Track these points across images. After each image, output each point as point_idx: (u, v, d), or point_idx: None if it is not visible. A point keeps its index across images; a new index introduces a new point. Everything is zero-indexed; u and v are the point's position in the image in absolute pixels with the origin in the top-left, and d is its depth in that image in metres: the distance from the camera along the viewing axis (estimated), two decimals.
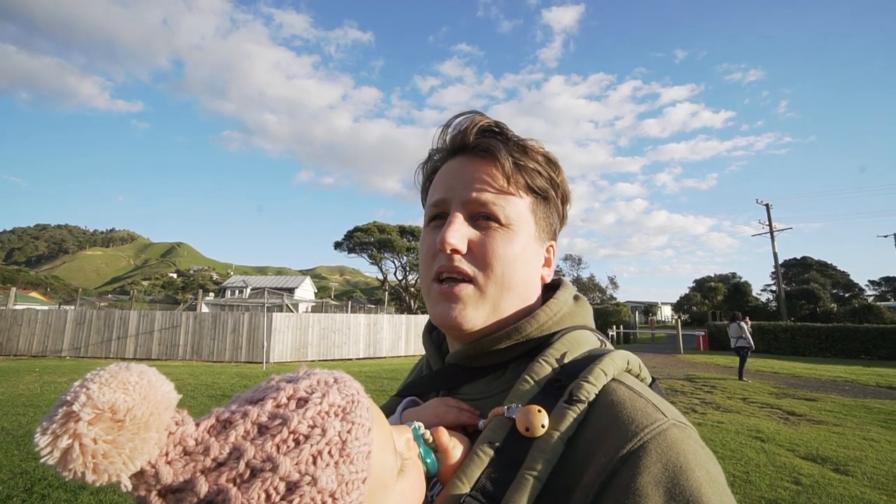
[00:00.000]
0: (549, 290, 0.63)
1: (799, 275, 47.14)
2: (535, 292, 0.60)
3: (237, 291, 54.55)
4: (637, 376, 0.53)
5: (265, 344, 13.53)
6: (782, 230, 29.54)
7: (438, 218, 0.58)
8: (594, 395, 0.46)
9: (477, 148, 0.57)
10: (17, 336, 15.11)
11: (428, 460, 0.45)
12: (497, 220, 0.55)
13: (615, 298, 44.48)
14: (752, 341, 11.10)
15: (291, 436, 0.29)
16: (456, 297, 0.54)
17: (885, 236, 33.78)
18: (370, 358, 16.75)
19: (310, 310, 31.26)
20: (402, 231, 34.50)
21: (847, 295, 44.88)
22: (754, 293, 46.28)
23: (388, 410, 0.62)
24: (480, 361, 0.57)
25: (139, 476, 0.26)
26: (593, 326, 0.61)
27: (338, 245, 35.29)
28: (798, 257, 51.21)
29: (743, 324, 11.05)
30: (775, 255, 29.18)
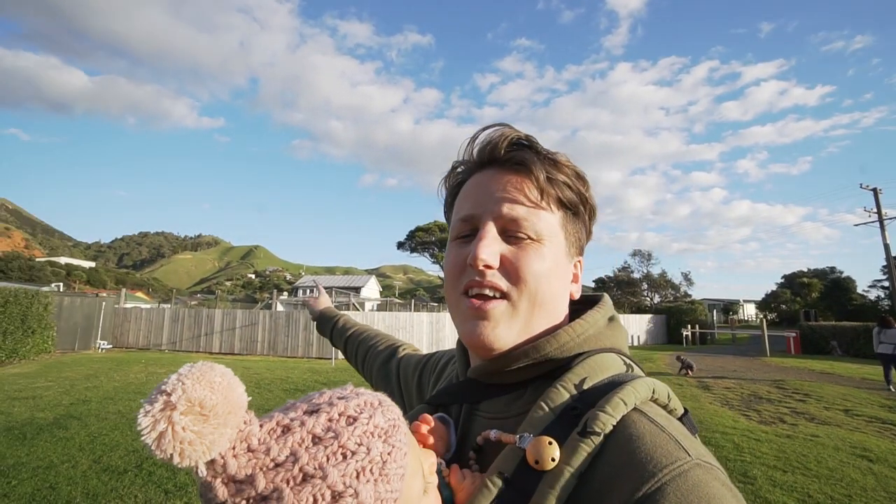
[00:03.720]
0: (589, 304, 0.61)
1: None
2: (564, 309, 0.58)
3: (308, 291, 57.96)
4: (665, 406, 0.49)
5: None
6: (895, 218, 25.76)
7: (467, 234, 0.57)
8: (611, 427, 0.43)
9: (509, 161, 0.55)
10: (127, 331, 17.26)
11: (444, 493, 0.46)
12: (529, 236, 0.53)
13: (690, 296, 41.40)
14: None
15: (341, 450, 0.32)
16: (488, 314, 0.52)
17: None
18: None
19: (375, 308, 32.44)
20: None
21: None
22: (860, 290, 40.84)
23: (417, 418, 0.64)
24: (499, 379, 0.56)
25: (211, 464, 0.31)
26: (625, 350, 0.58)
27: (400, 245, 36.34)
28: None
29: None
30: (886, 245, 25.47)
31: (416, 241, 35.36)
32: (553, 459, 0.42)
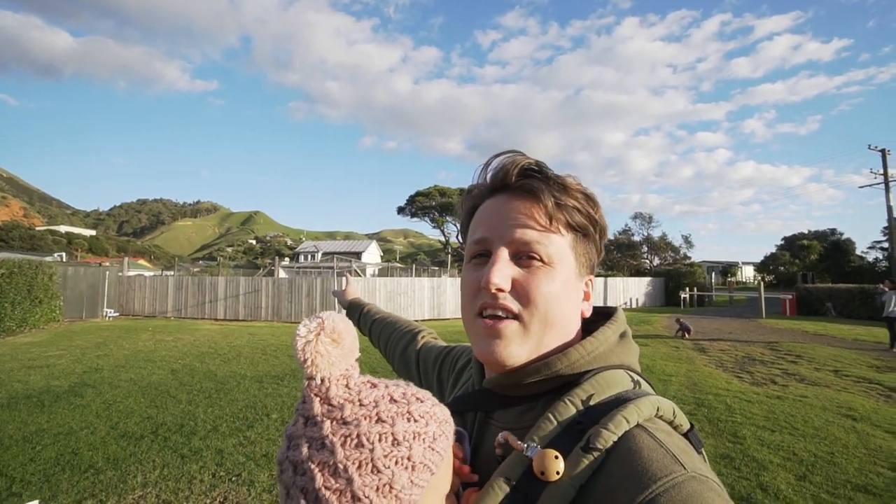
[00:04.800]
0: (603, 318, 0.63)
1: None
2: (575, 327, 0.60)
3: (309, 256, 58.22)
4: (670, 422, 0.51)
5: (337, 307, 14.52)
6: None
7: (481, 255, 0.59)
8: (612, 443, 0.46)
9: (520, 188, 0.58)
10: (133, 299, 17.53)
11: None
12: (540, 259, 0.55)
13: (690, 258, 41.57)
14: None
15: (408, 413, 0.42)
16: (500, 332, 0.55)
17: None
18: (434, 319, 17.37)
19: (376, 273, 32.74)
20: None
21: None
22: (858, 252, 40.93)
23: None
24: (513, 391, 0.59)
25: (321, 382, 0.41)
26: (635, 366, 0.60)
27: (401, 210, 36.18)
28: None
29: None
30: (889, 207, 25.28)
31: (417, 205, 35.18)
32: (557, 472, 0.45)
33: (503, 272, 0.54)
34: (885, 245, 34.54)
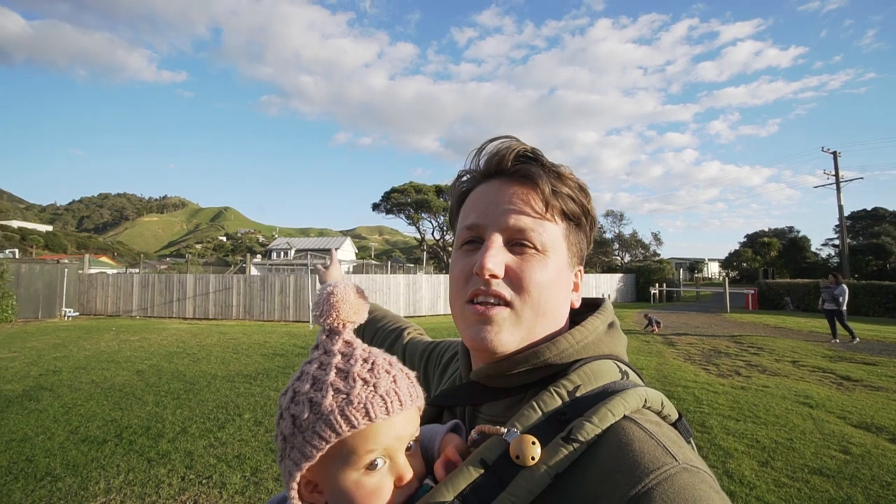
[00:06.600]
0: (590, 309, 0.63)
1: (868, 227, 43.22)
2: (565, 317, 0.60)
3: (282, 253, 56.97)
4: (658, 413, 0.50)
5: (311, 304, 14.25)
6: (851, 180, 26.95)
7: (472, 241, 0.58)
8: (594, 436, 0.45)
9: (516, 173, 0.57)
10: (94, 297, 16.72)
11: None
12: (533, 246, 0.55)
13: (659, 255, 42.90)
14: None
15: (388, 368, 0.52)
16: (491, 319, 0.53)
17: None
18: (410, 317, 17.28)
19: (351, 270, 32.31)
20: (439, 191, 34.29)
21: None
22: (813, 248, 43.23)
23: (428, 421, 0.63)
24: (500, 382, 0.58)
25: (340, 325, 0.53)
26: (623, 356, 0.59)
27: (376, 206, 35.77)
28: (868, 209, 46.83)
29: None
30: (840, 207, 26.85)
31: (392, 202, 34.89)
32: (533, 458, 0.44)
33: (497, 258, 0.53)
34: (837, 242, 36.62)
